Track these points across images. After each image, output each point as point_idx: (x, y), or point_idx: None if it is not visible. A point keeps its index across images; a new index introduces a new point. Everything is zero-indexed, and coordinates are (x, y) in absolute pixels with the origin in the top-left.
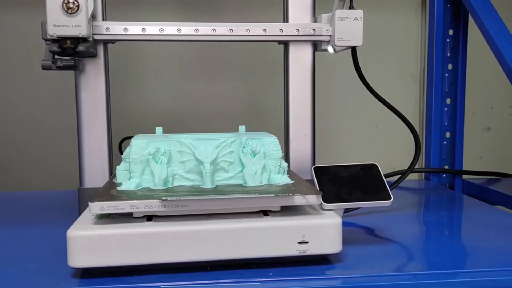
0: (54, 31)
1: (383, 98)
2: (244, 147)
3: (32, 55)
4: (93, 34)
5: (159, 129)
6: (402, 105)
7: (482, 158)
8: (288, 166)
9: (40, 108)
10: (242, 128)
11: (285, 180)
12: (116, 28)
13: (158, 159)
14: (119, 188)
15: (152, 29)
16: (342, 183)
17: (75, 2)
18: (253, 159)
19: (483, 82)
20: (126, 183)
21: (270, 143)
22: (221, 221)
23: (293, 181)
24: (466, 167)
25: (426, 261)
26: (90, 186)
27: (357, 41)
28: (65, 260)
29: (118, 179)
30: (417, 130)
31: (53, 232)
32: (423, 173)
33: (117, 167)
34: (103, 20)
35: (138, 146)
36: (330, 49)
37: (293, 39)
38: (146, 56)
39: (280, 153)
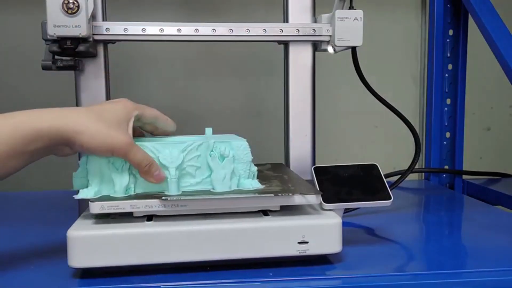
0: (54, 31)
1: (383, 98)
2: (212, 151)
3: (32, 55)
4: (93, 34)
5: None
6: (402, 105)
7: (482, 158)
8: (288, 166)
9: (40, 108)
10: (208, 130)
11: (256, 184)
12: (116, 28)
13: (118, 165)
14: (75, 197)
15: (152, 29)
16: (342, 183)
17: (75, 2)
18: (222, 163)
19: (483, 82)
20: (83, 191)
21: (240, 147)
22: (221, 221)
23: (264, 185)
24: (466, 167)
25: (426, 261)
26: None
27: (357, 41)
28: (65, 260)
29: (75, 186)
30: (417, 130)
31: (53, 232)
32: (423, 173)
33: (74, 173)
34: (103, 20)
35: None
36: (330, 49)
37: (293, 39)
38: (146, 56)
39: (249, 157)
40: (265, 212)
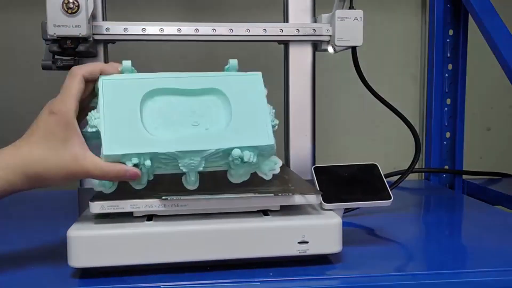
0: (54, 31)
1: (383, 98)
2: (236, 160)
3: (32, 55)
4: (93, 34)
5: (126, 63)
6: (402, 105)
7: (482, 158)
8: (288, 166)
9: (40, 108)
10: (233, 62)
11: (272, 166)
12: (116, 28)
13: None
14: (95, 188)
15: (152, 29)
16: (342, 183)
17: (75, 2)
18: (243, 164)
19: (483, 82)
20: (101, 182)
21: (265, 150)
22: (221, 221)
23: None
24: (466, 167)
25: (426, 261)
26: (90, 186)
27: (357, 41)
28: (65, 260)
29: (97, 186)
30: (417, 130)
31: (53, 232)
32: (423, 173)
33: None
34: (103, 20)
35: (112, 160)
36: (330, 49)
37: (293, 39)
38: (146, 56)
39: (273, 153)
40: (265, 212)
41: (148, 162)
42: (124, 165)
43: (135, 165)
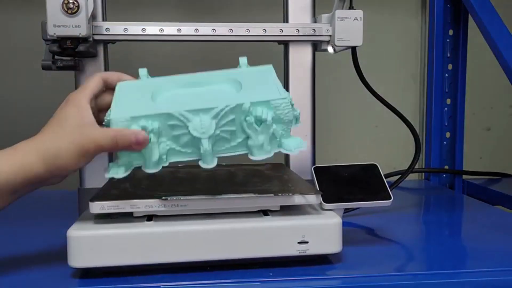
0: (54, 31)
1: (383, 98)
2: (248, 116)
3: (32, 55)
4: (93, 34)
5: (142, 71)
6: (402, 105)
7: (482, 158)
8: (288, 166)
9: (40, 108)
10: (243, 60)
11: (298, 145)
12: (116, 28)
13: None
14: (107, 175)
15: (152, 29)
16: (342, 183)
17: (75, 2)
18: (259, 128)
19: (483, 82)
20: (113, 170)
21: (279, 106)
22: (221, 221)
23: (305, 142)
24: (466, 167)
25: (426, 261)
26: (90, 186)
27: (357, 41)
28: (65, 260)
29: (109, 173)
30: (417, 130)
31: (53, 232)
32: (423, 173)
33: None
34: (103, 20)
35: (119, 124)
36: (330, 49)
37: (293, 39)
38: (146, 56)
39: (291, 116)
40: (265, 212)
41: (155, 124)
42: (132, 129)
43: (144, 130)
